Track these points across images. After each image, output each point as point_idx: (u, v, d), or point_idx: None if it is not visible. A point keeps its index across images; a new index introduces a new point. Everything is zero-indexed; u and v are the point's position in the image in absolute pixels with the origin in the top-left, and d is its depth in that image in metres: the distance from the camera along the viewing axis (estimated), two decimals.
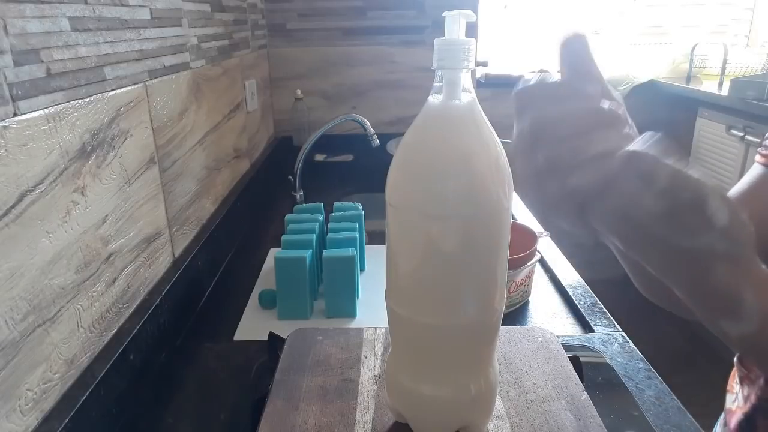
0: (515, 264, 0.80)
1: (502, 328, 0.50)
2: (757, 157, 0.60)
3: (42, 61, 0.51)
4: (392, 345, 0.50)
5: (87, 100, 0.58)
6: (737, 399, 0.64)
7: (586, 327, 0.80)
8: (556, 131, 0.37)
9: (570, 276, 0.94)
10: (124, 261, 0.67)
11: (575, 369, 0.58)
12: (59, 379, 0.52)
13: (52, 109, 0.52)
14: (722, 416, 0.68)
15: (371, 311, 0.86)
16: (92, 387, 0.55)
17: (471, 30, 0.41)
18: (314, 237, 0.88)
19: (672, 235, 0.34)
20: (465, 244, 0.42)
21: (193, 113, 0.95)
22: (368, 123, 1.23)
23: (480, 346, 0.47)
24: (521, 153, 0.38)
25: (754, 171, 0.60)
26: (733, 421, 0.64)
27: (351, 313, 0.85)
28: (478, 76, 2.21)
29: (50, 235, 0.51)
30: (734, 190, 0.62)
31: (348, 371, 0.58)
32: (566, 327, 0.81)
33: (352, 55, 1.81)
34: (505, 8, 2.50)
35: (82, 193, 0.57)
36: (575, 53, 0.39)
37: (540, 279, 0.96)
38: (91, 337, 0.58)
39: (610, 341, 0.74)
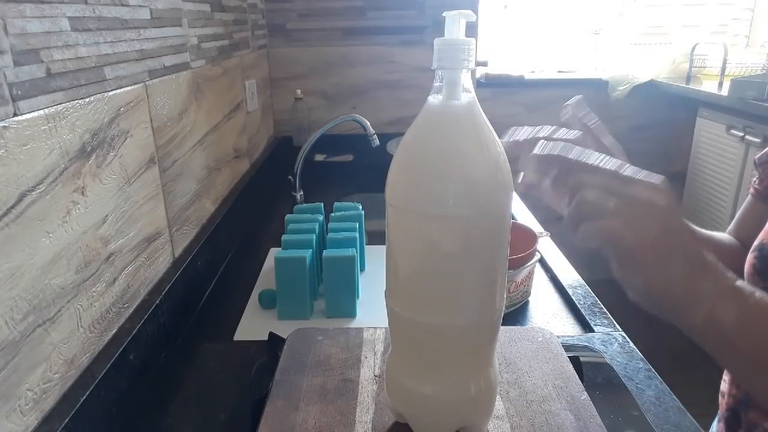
0: (515, 264, 0.80)
1: (502, 328, 0.50)
2: (750, 189, 0.72)
3: (42, 61, 0.51)
4: (392, 345, 0.50)
5: (87, 100, 0.58)
6: (726, 394, 0.66)
7: (586, 327, 0.80)
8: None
9: (570, 276, 0.94)
10: (124, 261, 0.67)
11: (575, 369, 0.58)
12: (59, 379, 0.52)
13: (52, 109, 0.52)
14: (719, 411, 0.69)
15: (371, 311, 0.86)
16: (92, 387, 0.55)
17: (471, 30, 0.41)
18: (314, 237, 0.88)
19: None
20: (465, 244, 0.42)
21: (193, 113, 0.95)
22: (368, 123, 1.23)
23: (480, 346, 0.47)
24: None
25: (746, 201, 0.74)
26: (724, 416, 0.65)
27: (351, 313, 0.85)
28: (478, 76, 2.21)
29: (50, 235, 0.51)
30: (734, 220, 0.75)
31: (348, 371, 0.57)
32: (566, 327, 0.81)
33: (352, 55, 1.81)
34: (505, 8, 2.50)
35: (82, 193, 0.57)
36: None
37: (540, 279, 0.96)
38: (91, 337, 0.58)
39: (610, 341, 0.74)
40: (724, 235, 0.74)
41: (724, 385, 0.67)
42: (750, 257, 0.62)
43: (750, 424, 0.62)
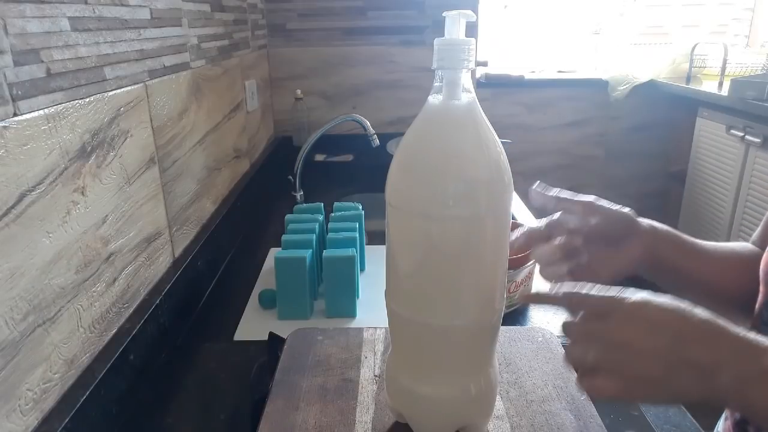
0: (515, 264, 0.80)
1: (502, 328, 0.50)
2: None
3: (42, 61, 0.51)
4: (392, 345, 0.50)
5: (87, 100, 0.58)
6: None
7: None
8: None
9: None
10: (124, 261, 0.67)
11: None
12: (59, 379, 0.52)
13: (52, 109, 0.52)
14: (725, 410, 0.68)
15: (371, 311, 0.86)
16: (92, 387, 0.55)
17: (471, 30, 0.41)
18: (314, 237, 0.88)
19: None
20: (465, 244, 0.42)
21: (193, 113, 0.95)
22: (368, 123, 1.23)
23: (480, 346, 0.47)
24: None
25: None
26: (733, 414, 0.65)
27: (351, 313, 0.85)
28: (478, 76, 2.21)
29: (50, 235, 0.51)
30: (759, 228, 0.70)
31: (348, 371, 0.58)
32: None
33: (352, 55, 1.81)
34: (505, 8, 2.50)
35: (82, 193, 0.57)
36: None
37: (540, 279, 0.95)
38: (91, 337, 0.58)
39: None
40: (746, 246, 0.70)
41: None
42: (765, 257, 0.61)
43: None
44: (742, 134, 1.87)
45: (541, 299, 0.48)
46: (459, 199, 0.41)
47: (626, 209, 0.60)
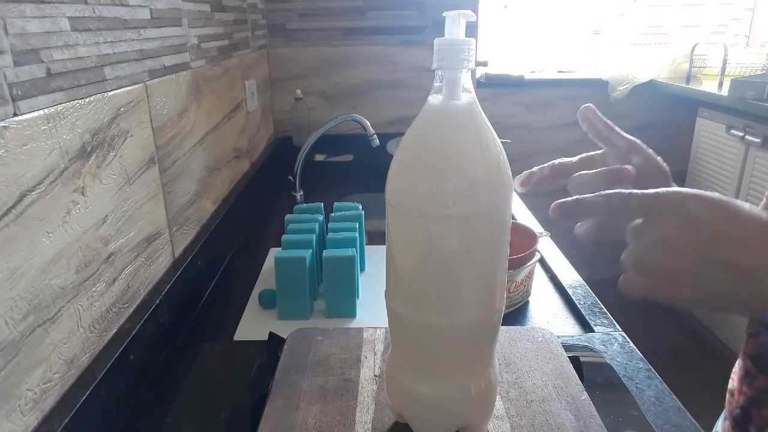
0: (515, 264, 0.80)
1: (502, 328, 0.50)
2: (764, 200, 0.67)
3: (42, 61, 0.51)
4: (392, 345, 0.50)
5: (87, 100, 0.58)
6: (735, 392, 0.65)
7: (586, 327, 0.80)
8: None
9: (570, 276, 0.94)
10: (124, 261, 0.67)
11: (575, 369, 0.58)
12: (59, 379, 0.52)
13: (52, 109, 0.52)
14: (724, 410, 0.68)
15: (371, 311, 0.86)
16: (92, 387, 0.55)
17: (471, 30, 0.41)
18: (314, 237, 0.88)
19: None
20: (465, 244, 0.42)
21: (193, 113, 0.95)
22: (368, 123, 1.23)
23: (480, 346, 0.47)
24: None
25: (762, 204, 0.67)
26: (732, 414, 0.65)
27: (351, 313, 0.85)
28: (478, 76, 2.21)
29: (50, 235, 0.51)
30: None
31: (348, 371, 0.57)
32: (566, 327, 0.81)
33: (352, 55, 1.81)
34: (505, 8, 2.50)
35: (82, 193, 0.57)
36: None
37: (540, 279, 0.96)
38: (91, 337, 0.58)
39: (610, 341, 0.74)
40: None
41: (733, 384, 0.67)
42: None
43: (762, 421, 0.61)
44: (742, 134, 1.87)
45: (581, 206, 0.42)
46: (459, 199, 0.41)
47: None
